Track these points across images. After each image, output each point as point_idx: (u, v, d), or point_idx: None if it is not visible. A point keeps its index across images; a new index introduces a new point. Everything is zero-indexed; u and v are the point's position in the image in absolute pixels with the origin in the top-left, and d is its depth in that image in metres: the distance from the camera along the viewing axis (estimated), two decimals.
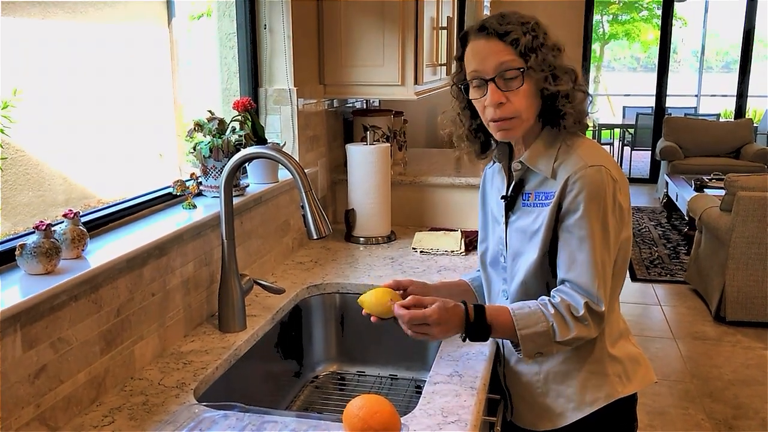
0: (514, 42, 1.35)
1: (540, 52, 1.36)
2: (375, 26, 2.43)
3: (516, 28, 1.36)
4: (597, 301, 1.36)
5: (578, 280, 1.37)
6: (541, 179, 1.43)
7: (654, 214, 7.59)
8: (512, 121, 1.39)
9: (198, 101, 2.97)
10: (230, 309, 1.65)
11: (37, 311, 1.19)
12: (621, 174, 1.42)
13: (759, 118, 10.35)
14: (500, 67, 1.36)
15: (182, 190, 1.74)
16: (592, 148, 1.42)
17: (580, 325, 1.36)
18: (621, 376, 1.48)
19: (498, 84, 1.37)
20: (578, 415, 1.47)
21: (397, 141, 2.92)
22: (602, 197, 1.36)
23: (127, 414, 1.30)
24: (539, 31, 1.38)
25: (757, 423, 3.36)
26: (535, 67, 1.35)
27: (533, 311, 1.38)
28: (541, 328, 1.36)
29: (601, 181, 1.36)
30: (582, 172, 1.36)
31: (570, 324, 1.36)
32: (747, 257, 4.38)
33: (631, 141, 10.21)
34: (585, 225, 1.36)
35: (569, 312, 1.36)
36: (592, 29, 8.84)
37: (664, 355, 4.12)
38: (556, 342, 1.37)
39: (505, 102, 1.37)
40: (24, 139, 1.99)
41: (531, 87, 1.37)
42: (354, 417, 1.15)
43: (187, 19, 2.86)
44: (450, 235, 2.42)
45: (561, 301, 1.38)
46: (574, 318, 1.36)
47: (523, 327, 1.36)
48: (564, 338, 1.36)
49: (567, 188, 1.37)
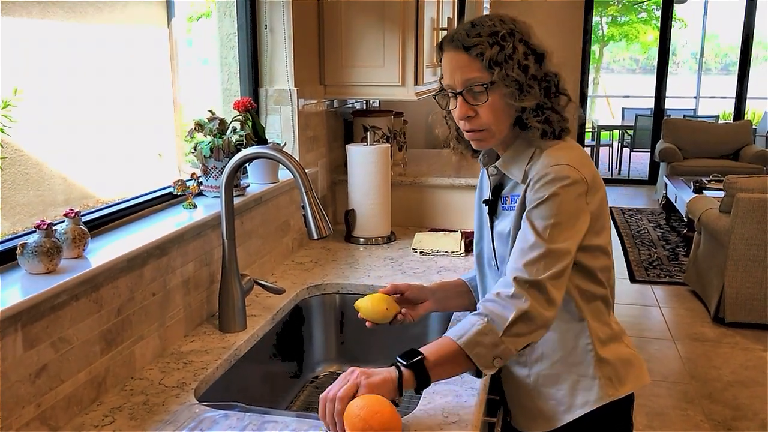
0: (480, 55, 1.33)
1: (506, 65, 1.32)
2: (375, 27, 2.43)
3: (482, 40, 1.33)
4: (529, 275, 1.28)
5: (513, 265, 1.31)
6: (515, 183, 1.43)
7: (653, 215, 7.59)
8: (482, 133, 1.39)
9: (198, 101, 2.97)
10: (230, 309, 1.65)
11: (38, 311, 1.19)
12: (595, 178, 1.38)
13: (758, 120, 10.36)
14: (466, 82, 1.35)
15: (183, 190, 1.74)
16: (564, 150, 1.39)
17: (516, 301, 1.26)
18: (612, 379, 1.47)
19: (466, 98, 1.36)
20: (569, 417, 1.47)
21: (397, 141, 2.92)
22: (560, 191, 1.31)
23: (127, 414, 1.30)
24: (510, 41, 1.33)
25: (756, 424, 3.36)
26: (498, 82, 1.33)
27: (466, 319, 1.30)
28: (479, 327, 1.26)
29: (563, 176, 1.32)
30: (545, 170, 1.34)
31: (505, 306, 1.27)
32: (746, 259, 4.39)
33: (630, 142, 10.22)
34: (534, 214, 1.32)
35: (500, 297, 1.29)
36: (592, 30, 8.85)
37: (663, 357, 4.12)
38: (502, 335, 1.25)
39: (474, 115, 1.37)
40: (23, 139, 1.99)
41: (498, 100, 1.35)
42: (355, 417, 1.15)
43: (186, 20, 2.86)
44: (450, 236, 2.42)
45: (492, 294, 1.31)
46: (507, 298, 1.28)
47: (460, 335, 1.26)
48: (507, 323, 1.25)
49: (529, 186, 1.36)
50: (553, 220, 1.32)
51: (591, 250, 1.41)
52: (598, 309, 1.47)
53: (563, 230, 1.32)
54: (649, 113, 9.56)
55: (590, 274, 1.43)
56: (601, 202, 1.40)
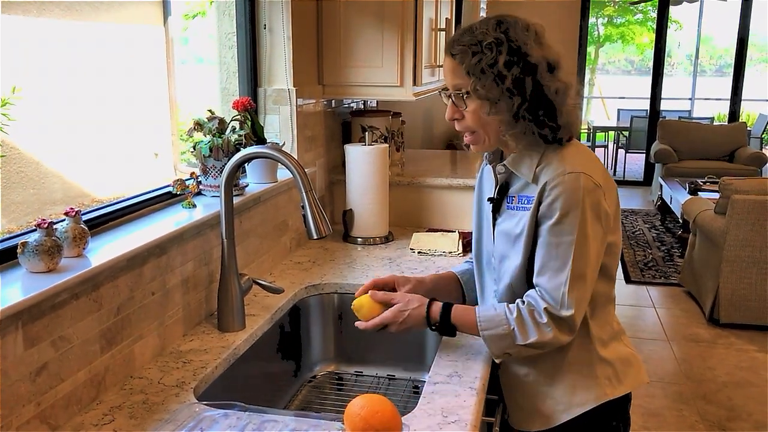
0: (461, 63, 1.37)
1: (481, 76, 1.34)
2: (374, 27, 2.43)
3: (465, 48, 1.36)
4: (560, 307, 1.36)
5: (546, 286, 1.38)
6: (524, 183, 1.43)
7: (648, 216, 7.61)
8: (474, 136, 1.44)
9: (194, 100, 2.97)
10: (229, 308, 1.65)
11: (39, 309, 1.18)
12: (607, 179, 1.42)
13: (752, 121, 10.40)
14: (452, 87, 1.41)
15: (182, 189, 1.74)
16: (576, 154, 1.41)
17: (541, 331, 1.37)
18: (611, 378, 1.48)
19: (454, 100, 1.42)
20: (567, 416, 1.48)
21: (395, 142, 2.92)
22: (579, 204, 1.35)
23: (127, 413, 1.30)
24: (493, 51, 1.33)
25: (750, 425, 3.37)
26: (471, 91, 1.37)
27: (497, 314, 1.42)
28: (502, 331, 1.40)
29: (579, 188, 1.35)
30: (560, 179, 1.36)
31: (530, 329, 1.38)
32: (741, 260, 4.41)
33: (626, 144, 10.25)
34: (558, 232, 1.36)
35: (532, 317, 1.39)
36: (588, 32, 8.86)
37: (657, 357, 4.13)
38: (518, 345, 1.39)
39: (460, 119, 1.43)
40: (20, 137, 1.98)
41: (480, 107, 1.38)
42: (355, 416, 1.15)
43: (182, 19, 2.86)
44: (447, 236, 2.42)
45: (526, 305, 1.40)
46: (536, 323, 1.38)
47: (486, 328, 1.41)
48: (525, 342, 1.38)
49: (544, 194, 1.38)
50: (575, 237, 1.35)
51: (608, 247, 1.43)
52: (602, 307, 1.48)
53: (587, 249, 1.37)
54: (644, 114, 9.58)
55: (605, 272, 1.45)
56: (615, 199, 1.44)
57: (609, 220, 1.40)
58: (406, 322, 1.48)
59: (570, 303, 1.36)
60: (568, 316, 1.37)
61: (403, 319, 1.48)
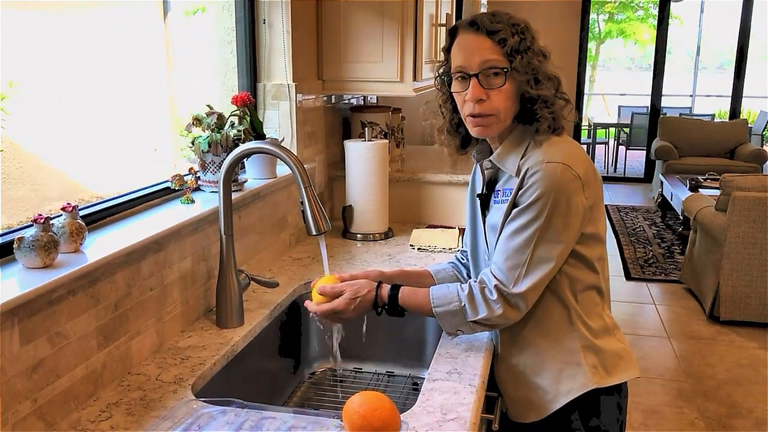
0: (502, 41, 1.37)
1: (526, 55, 1.38)
2: (374, 22, 2.42)
3: (506, 27, 1.38)
4: (511, 285, 1.39)
5: (501, 265, 1.41)
6: (509, 177, 1.46)
7: (648, 213, 7.61)
8: (489, 119, 1.42)
9: (193, 96, 2.96)
10: (228, 304, 1.65)
11: (35, 305, 1.18)
12: (588, 172, 1.42)
13: (753, 118, 10.38)
14: (485, 64, 1.38)
15: (180, 184, 1.73)
16: (557, 144, 1.43)
17: (490, 308, 1.41)
18: (597, 368, 1.48)
19: (480, 80, 1.39)
20: (555, 406, 1.48)
21: (395, 138, 2.91)
22: (551, 193, 1.36)
23: (124, 409, 1.29)
24: (528, 34, 1.40)
25: (750, 422, 3.37)
26: (519, 69, 1.37)
27: (449, 291, 1.47)
28: (453, 308, 1.45)
29: (556, 178, 1.36)
30: (538, 167, 1.38)
31: (480, 305, 1.42)
32: (741, 257, 4.40)
33: (626, 140, 10.23)
34: (525, 215, 1.38)
35: (482, 293, 1.42)
36: (588, 28, 8.85)
37: (658, 354, 4.13)
38: (469, 321, 1.44)
39: (486, 99, 1.40)
40: (19, 134, 1.97)
41: (512, 88, 1.40)
42: (354, 413, 1.14)
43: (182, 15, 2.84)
44: (447, 233, 2.42)
45: (478, 283, 1.45)
46: (485, 300, 1.42)
47: (438, 305, 1.46)
48: (475, 318, 1.43)
49: (523, 183, 1.40)
50: (541, 223, 1.37)
51: (586, 238, 1.44)
52: (591, 299, 1.48)
53: (551, 236, 1.38)
54: (645, 111, 9.57)
55: (584, 262, 1.46)
56: (597, 192, 1.44)
57: (585, 212, 1.40)
58: (359, 308, 1.52)
59: (523, 283, 1.39)
60: (518, 293, 1.39)
61: (355, 306, 1.51)
